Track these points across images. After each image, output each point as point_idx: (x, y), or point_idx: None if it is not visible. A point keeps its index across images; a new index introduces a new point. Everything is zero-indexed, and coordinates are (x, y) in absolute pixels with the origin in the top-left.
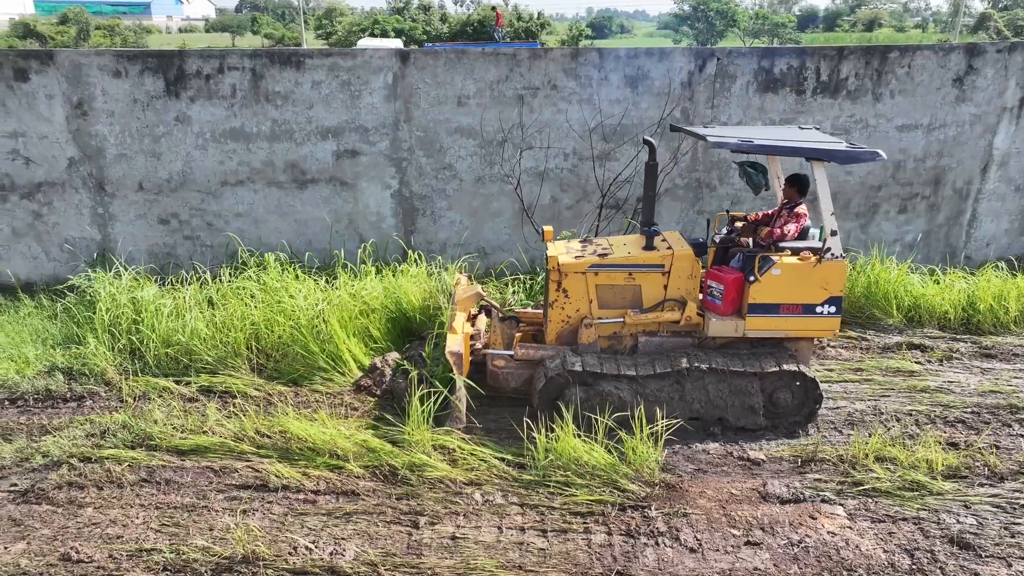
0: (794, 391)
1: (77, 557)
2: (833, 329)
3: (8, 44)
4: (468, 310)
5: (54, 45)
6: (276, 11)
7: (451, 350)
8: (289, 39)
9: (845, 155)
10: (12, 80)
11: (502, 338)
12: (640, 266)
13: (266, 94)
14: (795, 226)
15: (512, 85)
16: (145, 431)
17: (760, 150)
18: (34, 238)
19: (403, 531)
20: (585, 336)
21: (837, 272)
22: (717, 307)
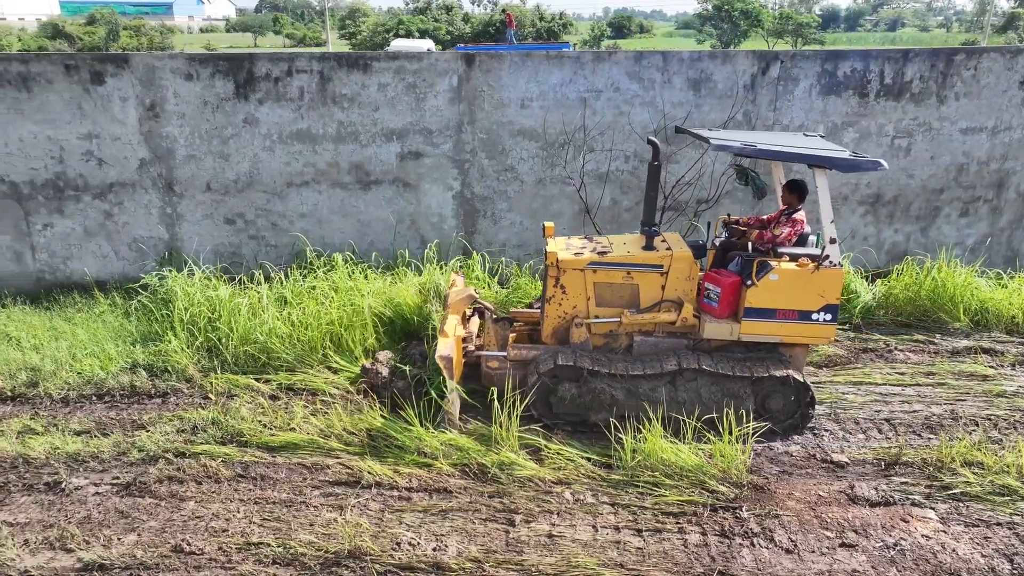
0: (786, 396)
1: (189, 549)
2: (828, 337)
3: (38, 45)
4: (461, 312)
5: (82, 45)
6: (295, 11)
7: (441, 354)
8: (310, 39)
9: (846, 163)
10: (88, 83)
11: (496, 339)
12: (638, 266)
13: (333, 96)
14: (789, 230)
15: (575, 88)
16: (235, 428)
17: (762, 155)
18: (104, 237)
19: (500, 528)
20: (576, 335)
21: (834, 280)
22: (713, 309)
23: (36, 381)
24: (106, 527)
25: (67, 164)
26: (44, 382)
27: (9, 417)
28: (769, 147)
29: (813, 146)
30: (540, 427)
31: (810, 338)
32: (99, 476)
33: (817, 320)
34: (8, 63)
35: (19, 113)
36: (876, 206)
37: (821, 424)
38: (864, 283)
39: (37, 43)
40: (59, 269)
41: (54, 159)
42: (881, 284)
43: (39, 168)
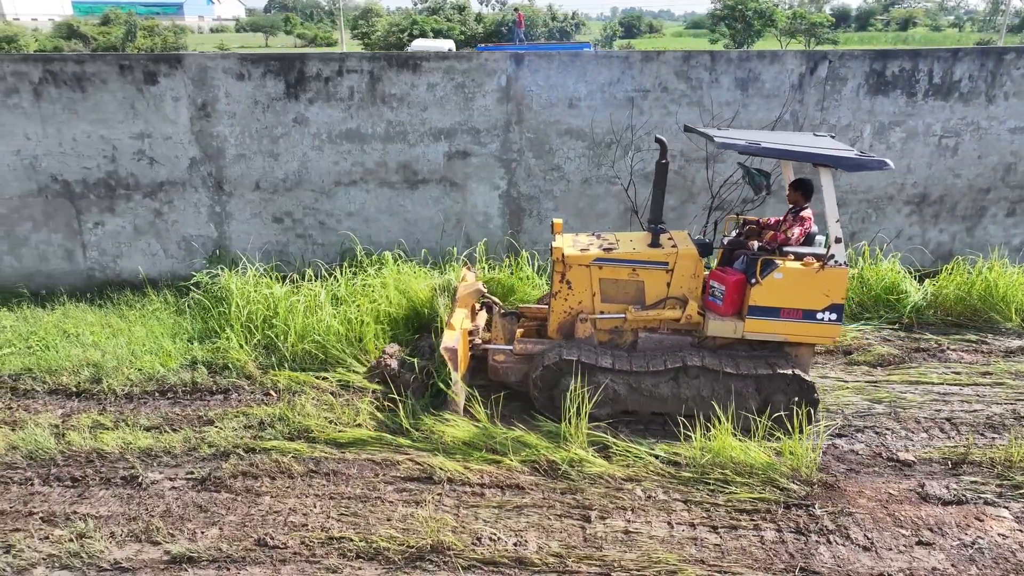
0: (790, 395)
1: (272, 543)
2: (833, 336)
3: (53, 45)
4: (469, 306)
5: (97, 46)
6: (304, 11)
7: (446, 346)
8: (321, 39)
9: (852, 162)
10: (142, 83)
11: (503, 333)
12: (644, 262)
13: (382, 96)
14: (799, 230)
15: (623, 87)
16: (303, 424)
17: (766, 153)
18: (154, 235)
19: (575, 524)
20: (581, 330)
21: (839, 279)
22: (718, 307)
23: (99, 377)
24: (187, 521)
25: (119, 163)
26: (107, 378)
27: (78, 412)
28: (773, 145)
29: (821, 146)
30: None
31: (815, 337)
32: (173, 471)
33: (822, 319)
34: (64, 64)
35: (73, 113)
36: (922, 206)
37: (882, 423)
38: (914, 283)
39: (52, 43)
40: (109, 267)
41: (106, 158)
42: (929, 284)
43: (92, 167)
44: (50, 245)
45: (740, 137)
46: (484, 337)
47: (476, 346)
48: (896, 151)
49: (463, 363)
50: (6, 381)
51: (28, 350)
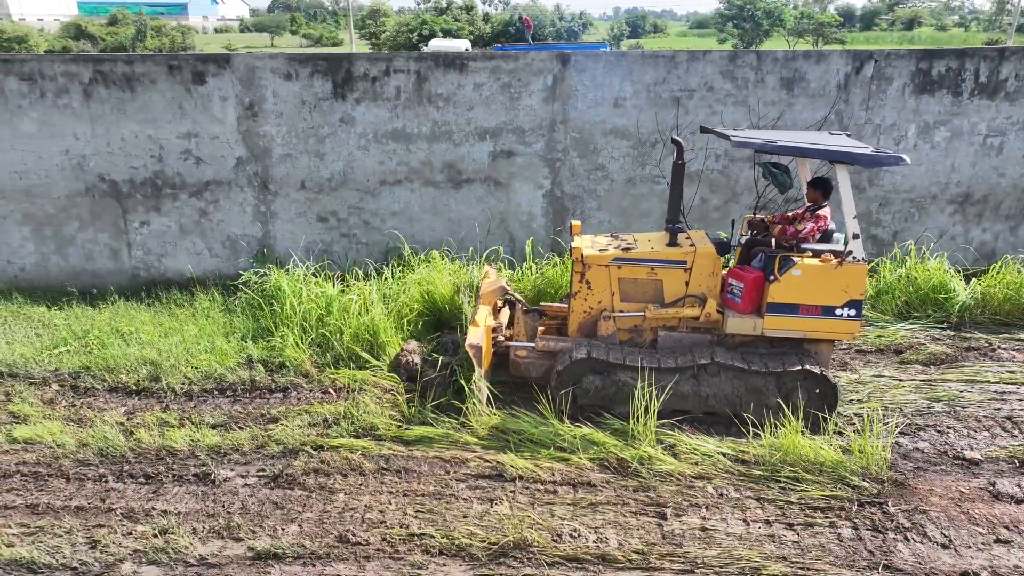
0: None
1: (354, 540)
2: (852, 332)
3: (62, 46)
4: (492, 303)
5: (104, 46)
6: (308, 11)
7: (471, 343)
8: (327, 39)
9: (869, 159)
10: (190, 83)
11: (526, 330)
12: (662, 261)
13: (428, 96)
14: (812, 225)
15: (669, 87)
16: (369, 422)
17: (783, 151)
18: (199, 235)
19: (652, 522)
20: (604, 328)
21: (858, 275)
22: (737, 305)
23: (158, 376)
24: (265, 518)
25: (166, 163)
26: (165, 376)
27: (142, 410)
28: (790, 143)
29: (837, 144)
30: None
31: (834, 334)
32: (244, 468)
33: (841, 315)
34: (114, 64)
35: (122, 113)
36: (965, 205)
37: (943, 421)
38: (961, 282)
39: (61, 44)
40: (153, 266)
41: (153, 158)
42: (976, 283)
43: (139, 167)
44: (96, 244)
45: (757, 137)
46: (506, 334)
47: (499, 343)
48: (940, 150)
49: (487, 360)
50: (66, 379)
51: (84, 348)
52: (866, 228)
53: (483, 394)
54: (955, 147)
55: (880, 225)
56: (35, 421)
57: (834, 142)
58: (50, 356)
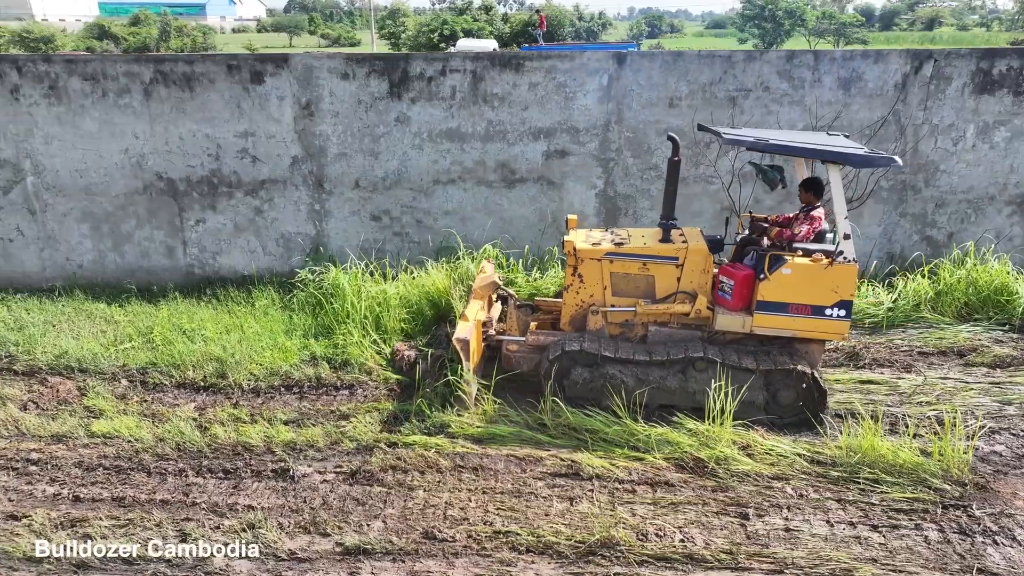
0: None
1: (441, 536)
2: (842, 333)
3: (86, 46)
4: (485, 298)
5: (127, 46)
6: (324, 11)
7: (458, 337)
8: (345, 39)
9: (859, 159)
10: (248, 83)
11: (518, 324)
12: (654, 257)
13: (484, 96)
14: (807, 227)
15: (724, 87)
16: (441, 420)
17: (774, 149)
18: (253, 233)
19: (734, 522)
20: (593, 322)
21: (848, 276)
22: (727, 302)
23: (224, 372)
24: (348, 513)
25: (222, 161)
26: (232, 373)
27: (212, 406)
28: (781, 142)
29: (834, 144)
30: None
31: (823, 333)
32: (321, 464)
33: (831, 315)
34: (175, 64)
35: (181, 112)
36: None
37: (1016, 424)
38: None
39: (84, 44)
40: (208, 264)
41: (211, 156)
42: None
43: (196, 165)
44: (152, 242)
45: (748, 134)
46: (498, 328)
47: (490, 337)
48: (999, 151)
49: (476, 354)
50: (135, 375)
51: (149, 345)
52: (921, 229)
53: (472, 387)
54: (1015, 147)
55: (936, 226)
56: (111, 416)
57: (830, 142)
58: (117, 352)
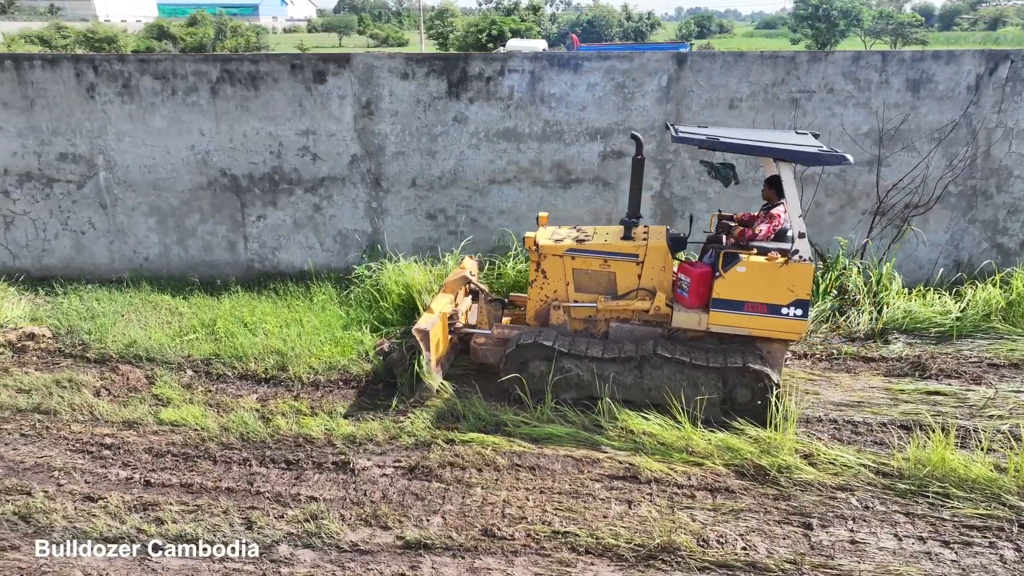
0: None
1: (500, 534)
2: (799, 332)
3: (145, 46)
4: (455, 291)
5: (184, 46)
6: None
7: (418, 327)
8: (393, 39)
9: (810, 157)
10: (311, 82)
11: (488, 318)
12: (615, 254)
13: (541, 96)
14: (767, 226)
15: (787, 88)
16: (498, 418)
17: (725, 147)
18: (311, 229)
19: (798, 531)
20: (555, 317)
21: (804, 274)
22: (684, 299)
23: (285, 365)
24: (408, 508)
25: (284, 159)
26: (292, 366)
27: (274, 398)
28: (731, 140)
29: (796, 142)
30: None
31: (780, 332)
32: (380, 458)
33: (787, 315)
34: (241, 63)
35: (246, 110)
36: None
37: None
38: None
39: (144, 44)
40: (267, 259)
41: (272, 154)
42: None
43: (258, 162)
44: (215, 236)
45: (700, 132)
46: (464, 321)
47: (457, 329)
48: None
49: (442, 344)
50: (199, 365)
51: (212, 336)
52: (991, 236)
53: (434, 379)
54: None
55: (1007, 234)
56: (178, 404)
57: (790, 140)
58: (182, 342)
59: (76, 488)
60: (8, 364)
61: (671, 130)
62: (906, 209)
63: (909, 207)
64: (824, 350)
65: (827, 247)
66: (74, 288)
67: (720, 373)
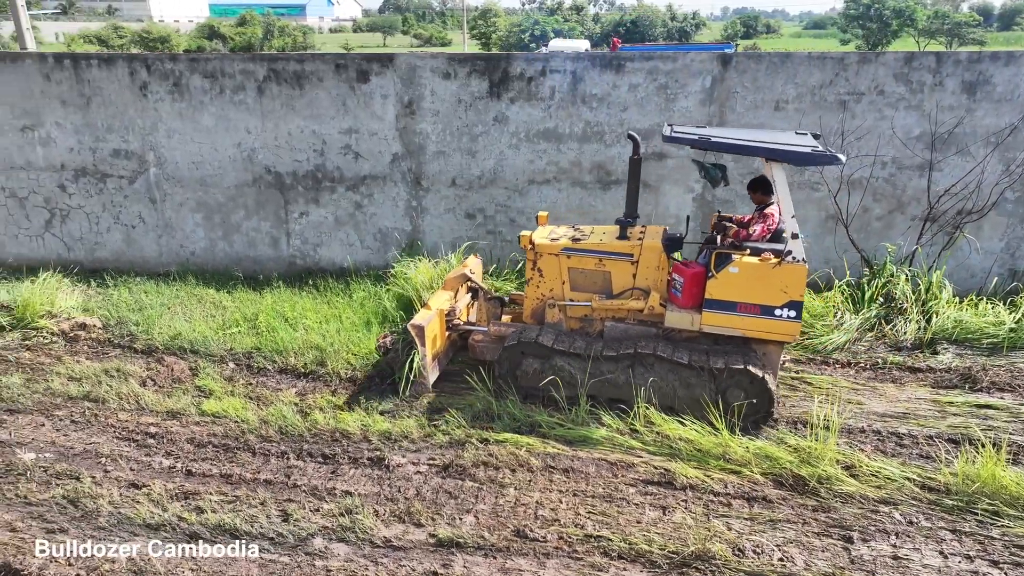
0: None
1: (532, 536)
2: (792, 334)
3: (197, 45)
4: (454, 289)
5: (234, 45)
6: (416, 11)
7: (413, 323)
8: (436, 39)
9: (800, 157)
10: (355, 81)
11: (487, 316)
12: (609, 253)
13: (583, 96)
14: (761, 226)
15: (835, 90)
16: (533, 419)
17: (716, 147)
18: (352, 227)
19: (837, 544)
20: (550, 315)
21: (797, 276)
22: (677, 299)
23: (323, 360)
24: (441, 506)
25: (327, 157)
26: (331, 361)
27: (312, 392)
28: (722, 140)
29: (793, 142)
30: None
31: (773, 334)
32: (415, 456)
33: (780, 316)
34: (287, 63)
35: (291, 109)
36: None
37: None
38: None
39: (196, 43)
40: (309, 255)
41: (316, 152)
42: None
43: (302, 160)
44: (259, 232)
45: (692, 132)
46: (463, 318)
47: (455, 326)
48: None
49: (438, 340)
50: (241, 359)
51: (254, 330)
52: None
53: (429, 374)
54: None
55: None
56: (219, 396)
57: (790, 141)
58: (225, 335)
59: (122, 475)
60: (61, 353)
61: (666, 129)
62: (959, 215)
63: (962, 213)
64: (869, 359)
65: (874, 253)
66: (124, 280)
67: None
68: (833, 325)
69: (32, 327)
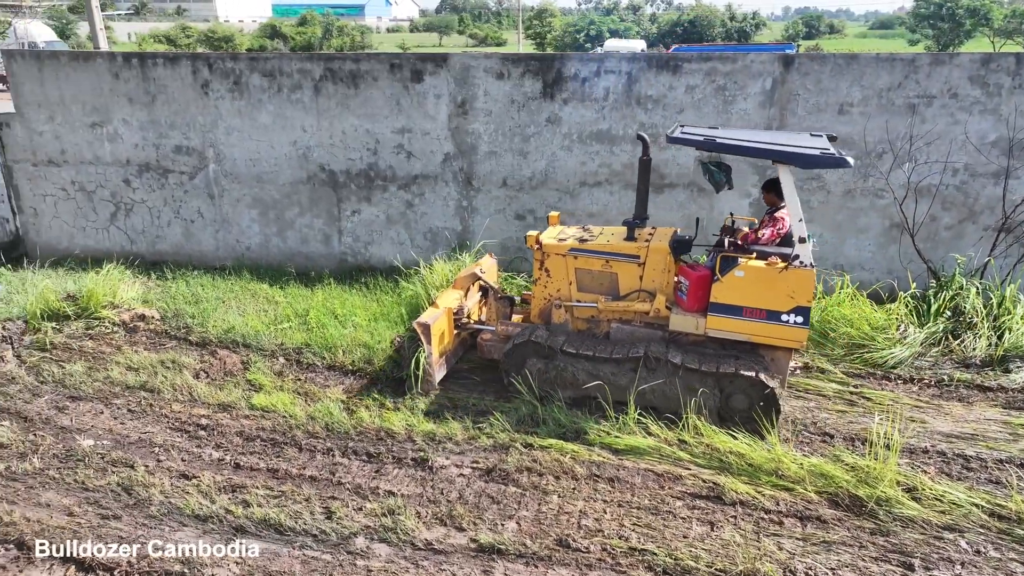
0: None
1: (575, 545)
2: (800, 340)
3: (259, 44)
4: (464, 288)
5: (294, 45)
6: (473, 11)
7: (419, 321)
8: (492, 38)
9: (808, 159)
10: (408, 81)
11: (496, 315)
12: (616, 255)
13: (637, 97)
14: (770, 230)
15: (904, 93)
16: (580, 427)
17: (722, 148)
18: (403, 225)
19: (896, 571)
20: (556, 316)
21: (805, 281)
22: (683, 302)
23: (371, 358)
24: (483, 510)
25: (380, 156)
26: (378, 360)
27: (359, 390)
28: (728, 141)
29: (806, 144)
30: None
31: (779, 339)
32: (459, 458)
33: (787, 321)
34: (343, 62)
35: (346, 108)
36: None
37: None
38: None
39: (258, 43)
40: (360, 253)
41: (369, 151)
42: None
43: (355, 159)
44: (312, 229)
45: (698, 133)
46: (472, 317)
47: (463, 325)
48: None
49: (446, 338)
50: (291, 354)
51: (305, 326)
52: None
53: (434, 372)
54: None
55: None
56: (269, 391)
57: (798, 142)
58: (276, 331)
59: (173, 465)
60: (121, 343)
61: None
62: None
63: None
64: (934, 375)
65: (941, 264)
66: (182, 273)
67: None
68: (896, 338)
69: (95, 317)
